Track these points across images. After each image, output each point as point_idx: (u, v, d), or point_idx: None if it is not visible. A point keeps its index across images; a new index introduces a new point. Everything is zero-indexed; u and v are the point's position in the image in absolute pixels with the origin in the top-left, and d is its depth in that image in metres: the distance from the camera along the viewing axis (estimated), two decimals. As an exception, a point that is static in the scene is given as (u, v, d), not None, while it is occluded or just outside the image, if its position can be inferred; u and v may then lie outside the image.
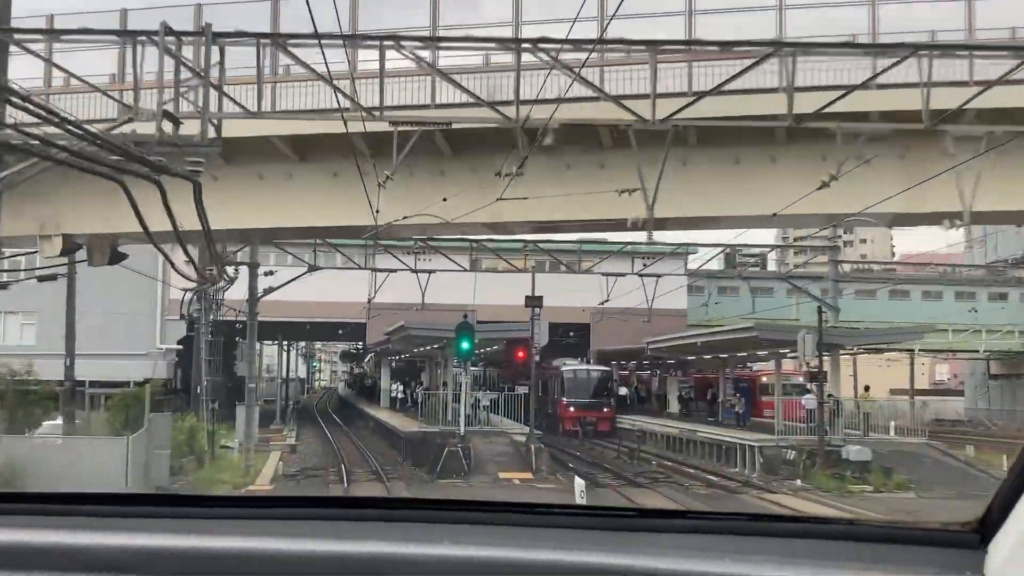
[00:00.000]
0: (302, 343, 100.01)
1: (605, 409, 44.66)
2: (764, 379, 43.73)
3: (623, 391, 48.69)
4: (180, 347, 48.18)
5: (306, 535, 1.72)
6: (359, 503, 2.06)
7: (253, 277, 27.83)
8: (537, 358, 31.05)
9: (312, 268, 28.79)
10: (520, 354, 29.94)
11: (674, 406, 47.48)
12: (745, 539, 1.77)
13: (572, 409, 44.03)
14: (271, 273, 28.39)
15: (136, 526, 1.78)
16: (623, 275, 30.30)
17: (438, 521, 1.86)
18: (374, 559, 1.66)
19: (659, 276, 31.64)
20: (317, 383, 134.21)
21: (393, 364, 51.12)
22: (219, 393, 38.07)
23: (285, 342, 71.50)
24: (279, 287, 28.75)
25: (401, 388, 48.54)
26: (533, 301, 29.32)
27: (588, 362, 49.99)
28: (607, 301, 31.89)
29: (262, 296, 28.14)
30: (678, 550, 1.68)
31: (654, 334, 44.24)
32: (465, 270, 29.99)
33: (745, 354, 36.88)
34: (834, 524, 1.87)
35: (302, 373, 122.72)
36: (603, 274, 30.40)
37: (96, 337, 46.26)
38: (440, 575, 1.65)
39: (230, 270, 28.01)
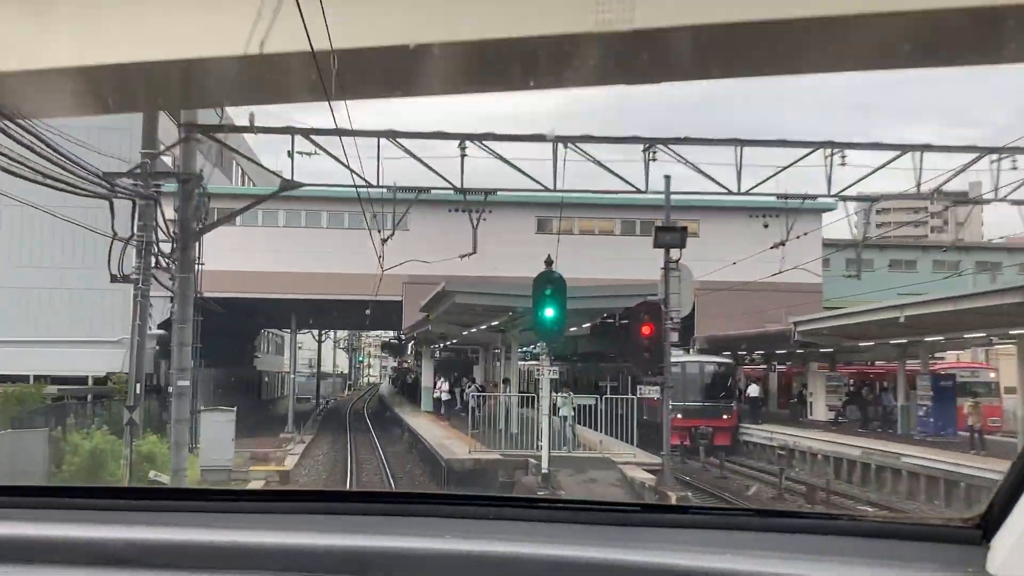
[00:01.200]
0: (341, 332, 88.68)
1: (724, 416, 32.89)
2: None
3: (753, 389, 35.84)
4: (163, 332, 38.56)
5: (309, 529, 1.70)
6: (362, 497, 2.03)
7: (185, 198, 15.95)
8: (675, 337, 18.70)
9: (288, 184, 16.80)
10: (645, 330, 17.36)
11: (820, 411, 34.67)
12: (748, 534, 1.75)
13: (680, 416, 31.72)
14: (200, 177, 16.13)
15: (139, 520, 1.77)
16: (814, 197, 17.29)
17: (442, 515, 1.83)
18: (377, 553, 1.63)
19: (877, 199, 18.71)
20: (364, 378, 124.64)
21: (437, 355, 39.17)
22: (216, 394, 32.37)
23: (314, 331, 60.13)
24: (234, 214, 16.92)
25: (447, 387, 36.68)
26: (667, 237, 16.71)
27: (694, 352, 37.58)
28: (786, 241, 19.13)
29: (205, 228, 16.23)
30: (681, 545, 1.65)
31: (780, 314, 32.53)
32: (546, 190, 17.08)
33: (984, 335, 24.10)
34: (837, 520, 1.85)
35: (346, 368, 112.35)
36: (780, 197, 17.31)
37: (54, 318, 37.77)
38: (444, 570, 1.61)
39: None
